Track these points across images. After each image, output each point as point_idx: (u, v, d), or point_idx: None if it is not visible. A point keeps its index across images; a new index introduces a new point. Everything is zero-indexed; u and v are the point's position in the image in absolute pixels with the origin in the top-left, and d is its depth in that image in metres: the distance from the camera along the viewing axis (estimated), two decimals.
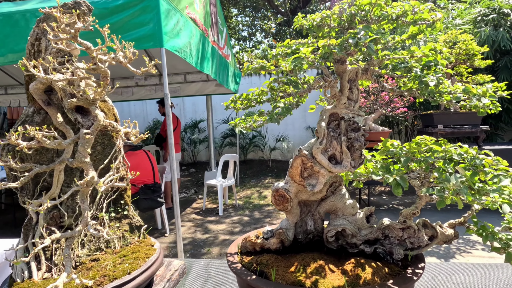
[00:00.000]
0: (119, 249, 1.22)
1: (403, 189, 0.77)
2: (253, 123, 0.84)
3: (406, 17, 0.74)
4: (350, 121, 0.89)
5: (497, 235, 0.81)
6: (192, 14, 3.67)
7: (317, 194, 1.05)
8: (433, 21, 0.74)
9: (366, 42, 0.65)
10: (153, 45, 2.72)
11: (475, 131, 4.39)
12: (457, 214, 4.49)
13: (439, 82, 0.72)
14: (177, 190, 2.84)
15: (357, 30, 0.67)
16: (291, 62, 0.70)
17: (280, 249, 1.10)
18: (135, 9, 2.70)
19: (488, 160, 0.78)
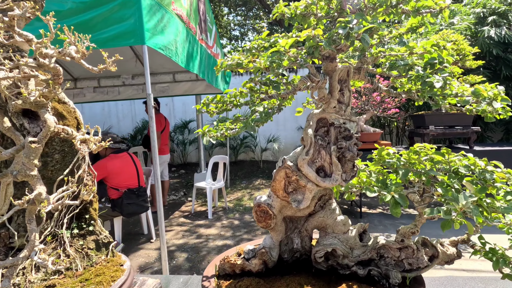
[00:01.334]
0: (82, 271, 1.07)
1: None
2: (225, 131, 0.71)
3: (408, 4, 0.62)
4: (341, 127, 0.77)
5: (509, 259, 0.71)
6: (178, 10, 3.51)
7: (304, 210, 0.93)
8: (440, 8, 0.62)
9: (360, 32, 0.53)
10: (134, 42, 2.56)
11: (466, 132, 4.36)
12: None
13: (446, 83, 0.60)
14: (160, 196, 2.69)
15: (349, 18, 0.55)
16: (267, 58, 0.57)
17: (263, 271, 0.97)
18: (115, 3, 2.53)
19: (499, 174, 0.67)
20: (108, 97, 6.72)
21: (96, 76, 6.36)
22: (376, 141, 4.62)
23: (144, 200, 3.66)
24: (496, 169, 0.74)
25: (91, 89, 6.59)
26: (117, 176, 3.46)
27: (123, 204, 3.43)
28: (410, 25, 0.72)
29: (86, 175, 1.17)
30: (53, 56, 0.80)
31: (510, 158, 4.15)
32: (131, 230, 4.47)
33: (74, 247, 1.11)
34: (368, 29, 0.53)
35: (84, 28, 2.53)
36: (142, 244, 3.97)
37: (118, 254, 1.23)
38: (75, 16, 2.54)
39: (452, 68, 0.68)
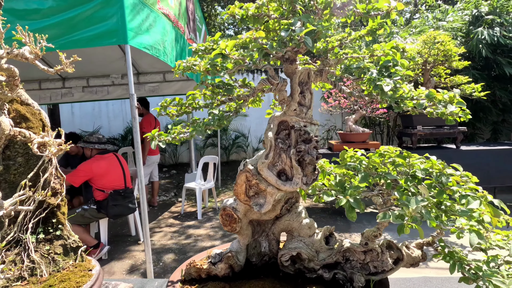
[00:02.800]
0: (47, 277, 1.05)
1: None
2: (177, 135, 0.69)
3: (355, 6, 0.61)
4: (301, 130, 0.76)
5: (465, 263, 0.70)
6: (165, 9, 3.47)
7: (269, 213, 0.92)
8: (387, 10, 0.62)
9: (301, 35, 0.52)
10: (116, 41, 2.52)
11: (453, 132, 4.41)
12: None
13: (396, 87, 0.59)
14: (144, 197, 2.66)
15: (292, 20, 0.54)
16: (207, 61, 0.56)
17: (229, 275, 0.96)
18: (97, 2, 2.49)
19: (455, 178, 0.67)
20: (97, 96, 6.64)
21: (85, 76, 6.28)
22: (365, 141, 4.64)
23: (130, 201, 3.62)
24: (456, 172, 0.74)
25: (80, 89, 6.50)
26: (102, 178, 3.41)
27: (108, 206, 3.39)
28: (370, 27, 0.71)
29: (54, 178, 1.14)
30: (2, 57, 0.77)
31: (495, 157, 4.21)
32: (118, 232, 4.42)
33: (39, 252, 1.09)
34: (311, 31, 0.52)
35: (66, 27, 2.49)
36: (129, 246, 3.92)
37: (88, 258, 1.21)
38: (57, 14, 2.49)
39: (405, 71, 0.68)
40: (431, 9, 6.65)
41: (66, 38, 2.46)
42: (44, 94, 6.42)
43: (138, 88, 6.06)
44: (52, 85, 6.32)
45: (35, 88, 6.38)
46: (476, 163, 4.21)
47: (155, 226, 4.60)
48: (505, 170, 4.19)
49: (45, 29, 2.47)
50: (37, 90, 6.40)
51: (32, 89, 6.41)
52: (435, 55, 4.24)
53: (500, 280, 0.65)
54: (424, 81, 4.60)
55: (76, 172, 3.30)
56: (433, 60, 4.30)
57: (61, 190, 1.16)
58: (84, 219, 3.41)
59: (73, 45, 2.48)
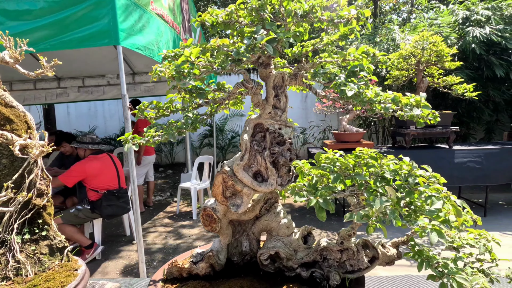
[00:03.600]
0: (32, 277, 1.06)
1: (328, 212, 0.67)
2: (150, 138, 0.71)
3: (316, 14, 0.63)
4: (276, 133, 0.78)
5: (433, 261, 0.73)
6: (158, 10, 3.48)
7: (248, 213, 0.94)
8: (347, 19, 0.64)
9: (262, 43, 0.54)
10: (108, 42, 2.53)
11: (445, 131, 4.45)
12: None
13: (360, 91, 0.62)
14: (137, 198, 2.67)
15: (255, 28, 0.56)
16: (172, 68, 0.57)
17: (210, 274, 0.98)
18: (88, 3, 2.50)
19: (421, 179, 0.69)
20: (93, 96, 6.63)
21: (80, 75, 6.27)
22: (359, 141, 4.67)
23: (124, 201, 3.63)
24: (426, 173, 0.76)
25: (75, 89, 6.49)
26: (96, 178, 3.42)
27: (102, 206, 3.40)
28: (342, 32, 0.73)
29: (40, 179, 1.15)
30: None
31: (487, 156, 4.26)
32: (113, 232, 4.43)
33: (25, 253, 1.10)
34: (273, 39, 0.54)
35: (58, 28, 2.50)
36: (124, 246, 3.93)
37: (75, 258, 1.22)
38: (48, 15, 2.50)
39: (370, 76, 0.70)
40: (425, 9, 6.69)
41: (57, 38, 2.47)
42: (39, 94, 6.39)
43: (133, 88, 6.06)
44: (47, 85, 6.30)
45: (30, 88, 6.36)
46: (468, 162, 4.26)
47: (150, 226, 4.61)
48: (497, 169, 4.24)
49: (37, 30, 2.48)
50: (32, 90, 6.38)
51: (27, 89, 6.39)
52: (428, 55, 4.28)
53: (464, 277, 0.67)
54: (418, 82, 4.64)
55: (69, 172, 3.31)
56: (426, 61, 4.34)
57: (47, 191, 1.17)
58: (78, 219, 3.42)
59: (64, 46, 2.48)
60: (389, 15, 10.54)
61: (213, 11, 0.63)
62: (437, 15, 6.06)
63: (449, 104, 6.28)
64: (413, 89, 5.59)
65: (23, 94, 6.37)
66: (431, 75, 4.62)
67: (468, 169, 4.23)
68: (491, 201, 5.01)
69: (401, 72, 4.69)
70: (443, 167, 4.26)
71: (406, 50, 4.43)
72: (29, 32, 2.43)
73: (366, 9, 5.93)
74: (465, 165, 4.25)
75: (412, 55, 4.32)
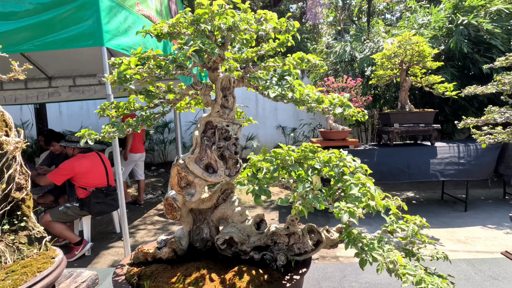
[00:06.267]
0: (10, 264, 1.15)
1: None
2: (105, 134, 0.80)
3: (239, 28, 0.73)
4: (223, 129, 0.88)
5: (359, 241, 0.83)
6: (145, 11, 3.55)
7: (206, 202, 1.04)
8: (267, 31, 0.74)
9: (188, 53, 0.63)
10: (92, 43, 2.60)
11: (428, 129, 4.58)
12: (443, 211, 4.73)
13: (282, 93, 0.72)
14: (123, 195, 2.76)
15: (184, 40, 0.65)
16: (117, 73, 0.67)
17: (174, 258, 1.07)
18: (73, 5, 2.57)
19: (346, 169, 0.80)
20: (84, 96, 6.66)
21: (71, 75, 6.30)
22: (345, 139, 4.79)
23: (113, 199, 3.70)
24: (355, 164, 0.87)
25: (67, 88, 6.51)
26: (85, 176, 3.49)
27: (91, 203, 3.47)
28: (282, 40, 0.83)
29: (18, 174, 1.24)
30: None
31: (467, 153, 4.40)
32: (103, 229, 4.50)
33: (4, 242, 1.19)
34: (199, 49, 0.64)
35: (42, 29, 2.56)
36: (113, 242, 4.01)
37: (53, 248, 1.31)
38: (33, 16, 2.56)
39: (294, 79, 0.80)
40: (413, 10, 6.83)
41: (42, 39, 2.54)
42: (31, 94, 6.41)
43: (120, 88, 6.12)
44: (39, 84, 6.32)
45: (21, 88, 6.38)
46: (449, 158, 4.40)
47: (140, 224, 4.69)
48: (476, 165, 4.39)
49: (22, 30, 2.54)
50: (23, 90, 6.40)
51: (18, 89, 6.40)
52: (410, 55, 4.41)
53: (379, 253, 0.78)
54: (401, 81, 4.77)
55: (57, 170, 3.38)
56: (409, 60, 4.47)
57: (25, 185, 1.26)
58: (67, 216, 3.48)
59: (49, 47, 2.55)
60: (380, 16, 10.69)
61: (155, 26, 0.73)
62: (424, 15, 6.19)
63: (436, 103, 6.43)
64: (398, 88, 5.72)
65: (14, 93, 6.39)
66: (415, 75, 4.76)
67: (449, 165, 4.38)
68: (473, 197, 5.17)
69: (386, 71, 4.82)
70: (425, 163, 4.41)
71: (389, 50, 4.55)
72: (13, 33, 2.50)
73: (356, 7, 6.10)
74: (446, 161, 4.40)
75: (395, 55, 4.44)
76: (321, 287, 1.28)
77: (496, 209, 4.59)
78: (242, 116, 1.11)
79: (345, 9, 11.05)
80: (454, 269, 1.41)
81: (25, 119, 8.34)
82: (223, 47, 0.78)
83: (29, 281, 1.05)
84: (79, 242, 3.50)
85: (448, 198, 5.10)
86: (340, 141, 4.71)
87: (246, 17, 0.71)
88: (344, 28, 10.12)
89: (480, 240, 3.49)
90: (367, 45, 6.25)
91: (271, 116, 8.21)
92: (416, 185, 6.00)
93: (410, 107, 4.86)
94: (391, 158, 4.37)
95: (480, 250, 3.23)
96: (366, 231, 3.75)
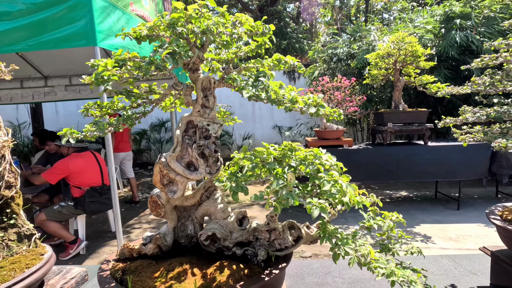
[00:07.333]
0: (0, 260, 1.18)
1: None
2: (86, 133, 0.83)
3: (212, 32, 0.76)
4: (203, 128, 0.91)
5: (334, 236, 0.86)
6: (139, 11, 3.56)
7: (190, 199, 1.06)
8: (239, 35, 0.77)
9: (163, 56, 0.66)
10: (85, 43, 2.62)
11: (421, 128, 4.63)
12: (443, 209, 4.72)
13: (255, 94, 0.75)
14: (116, 193, 2.78)
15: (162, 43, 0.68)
16: (94, 74, 0.69)
17: (159, 254, 1.10)
18: (66, 5, 2.58)
19: (320, 166, 0.83)
20: (81, 95, 6.65)
21: (67, 74, 6.30)
22: (339, 138, 4.83)
23: (107, 198, 3.71)
24: (330, 162, 0.90)
25: (63, 87, 6.51)
26: (79, 175, 3.51)
27: (85, 202, 3.49)
28: (260, 43, 0.86)
29: (8, 172, 1.26)
30: None
31: (459, 153, 4.45)
32: (99, 228, 4.52)
33: None
34: (173, 52, 0.67)
35: (35, 29, 2.58)
36: (108, 241, 4.03)
37: (42, 245, 1.33)
38: (26, 16, 2.58)
39: (268, 81, 0.83)
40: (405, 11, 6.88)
41: (35, 39, 2.56)
42: (26, 93, 6.40)
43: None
44: (34, 83, 6.31)
45: (16, 87, 6.36)
46: (441, 157, 4.45)
47: (135, 223, 4.70)
48: (468, 165, 4.44)
49: (15, 30, 2.55)
50: (19, 89, 6.38)
51: (13, 88, 6.39)
52: (404, 55, 4.45)
53: (351, 247, 0.81)
54: (395, 81, 4.81)
55: (52, 169, 3.40)
56: (402, 60, 4.51)
57: (15, 184, 1.28)
58: (61, 215, 3.50)
59: (42, 47, 2.57)
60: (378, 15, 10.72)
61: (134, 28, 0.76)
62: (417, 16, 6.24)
63: (431, 102, 6.48)
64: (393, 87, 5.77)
65: (10, 93, 6.37)
66: (408, 74, 4.80)
67: (441, 164, 4.42)
68: (466, 195, 5.22)
69: (380, 71, 4.85)
70: (417, 162, 4.45)
71: (383, 50, 4.59)
72: (7, 33, 2.51)
73: (354, 7, 6.12)
74: (439, 161, 4.44)
75: (389, 54, 4.48)
76: (305, 282, 1.31)
77: (488, 207, 4.64)
78: (227, 116, 1.14)
79: (342, 8, 11.08)
80: (435, 265, 1.45)
81: (21, 118, 8.33)
82: (202, 49, 0.81)
83: (17, 276, 1.07)
84: (74, 241, 3.51)
85: (441, 197, 5.15)
86: (334, 140, 4.75)
87: (220, 21, 0.74)
88: (341, 28, 10.15)
89: (471, 238, 3.53)
90: (363, 44, 6.28)
91: (268, 115, 8.24)
92: (411, 184, 6.05)
93: (404, 106, 4.90)
94: (383, 157, 4.42)
95: (470, 247, 3.28)
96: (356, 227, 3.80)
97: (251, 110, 8.31)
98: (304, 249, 3.00)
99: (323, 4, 11.16)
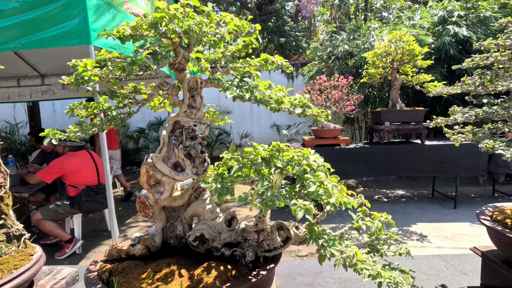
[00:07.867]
0: None
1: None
2: (70, 134, 0.82)
3: (194, 31, 0.75)
4: (190, 129, 0.90)
5: (321, 237, 0.86)
6: (133, 9, 3.54)
7: (178, 200, 1.06)
8: (222, 35, 0.76)
9: (143, 56, 0.65)
10: (79, 42, 2.60)
11: (418, 128, 4.63)
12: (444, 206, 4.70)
13: (239, 94, 0.74)
14: (111, 192, 2.77)
15: (142, 43, 0.67)
16: (74, 75, 0.68)
17: (147, 254, 1.10)
18: (59, 3, 2.56)
19: (306, 167, 0.82)
20: (78, 94, 6.64)
21: (65, 73, 6.27)
22: (336, 137, 4.83)
23: (103, 197, 3.71)
24: (317, 163, 0.89)
25: (60, 86, 6.48)
26: (75, 174, 3.50)
27: (81, 201, 3.48)
28: (247, 42, 0.85)
29: None
30: None
31: (455, 151, 4.45)
32: (96, 227, 4.52)
33: None
34: (154, 52, 0.66)
35: (29, 27, 2.56)
36: (105, 240, 4.03)
37: (32, 245, 1.33)
38: (20, 14, 2.56)
39: (256, 82, 0.82)
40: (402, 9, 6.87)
41: (28, 38, 2.54)
42: (23, 92, 6.37)
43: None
44: (31, 82, 6.27)
45: (13, 85, 6.33)
46: (437, 156, 4.46)
47: (132, 222, 4.70)
48: (463, 163, 4.45)
49: (8, 28, 2.54)
50: (16, 87, 6.36)
51: (10, 86, 6.36)
52: (401, 54, 4.44)
53: (337, 249, 0.80)
54: (392, 79, 4.80)
55: (47, 168, 3.39)
56: (399, 59, 4.50)
57: (4, 184, 1.27)
58: (57, 214, 3.49)
59: (36, 45, 2.55)
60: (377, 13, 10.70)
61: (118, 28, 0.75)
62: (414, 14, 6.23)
63: (429, 101, 6.48)
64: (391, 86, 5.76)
65: (7, 91, 6.34)
66: (406, 73, 4.79)
67: (437, 163, 4.43)
68: (463, 194, 5.23)
69: (377, 70, 4.84)
70: (414, 161, 4.46)
71: (380, 49, 4.58)
72: (0, 31, 2.49)
73: (353, 5, 6.13)
74: (435, 159, 4.45)
75: (386, 53, 4.47)
76: (296, 282, 1.31)
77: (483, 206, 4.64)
78: (216, 116, 1.13)
79: (341, 7, 11.04)
80: (427, 264, 1.45)
81: (18, 117, 8.30)
82: (188, 49, 0.80)
83: (5, 277, 1.06)
84: (69, 240, 3.51)
85: (438, 196, 5.16)
86: (331, 139, 4.75)
87: (203, 21, 0.73)
88: (340, 26, 10.12)
89: (467, 237, 3.54)
90: (362, 43, 6.27)
91: (266, 114, 8.22)
92: (408, 182, 6.06)
93: (401, 105, 4.89)
94: (379, 156, 4.42)
95: (466, 246, 3.28)
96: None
97: (249, 109, 8.30)
98: (300, 248, 3.00)
99: (322, 3, 11.12)
